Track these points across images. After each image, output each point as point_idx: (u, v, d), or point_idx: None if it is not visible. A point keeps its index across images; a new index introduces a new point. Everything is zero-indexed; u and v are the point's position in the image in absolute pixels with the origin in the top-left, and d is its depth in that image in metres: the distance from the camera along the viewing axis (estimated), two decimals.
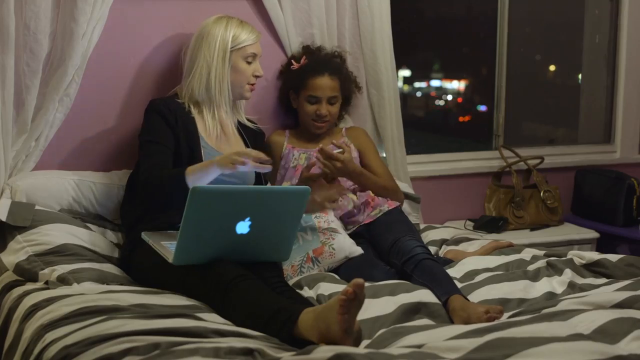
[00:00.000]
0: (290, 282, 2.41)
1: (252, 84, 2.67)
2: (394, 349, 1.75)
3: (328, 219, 2.67)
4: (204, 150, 2.54)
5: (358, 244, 2.67)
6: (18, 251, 2.39)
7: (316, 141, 2.98)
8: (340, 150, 2.71)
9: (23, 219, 2.46)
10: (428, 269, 2.38)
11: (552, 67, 4.19)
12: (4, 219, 2.46)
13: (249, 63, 2.63)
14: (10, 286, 2.30)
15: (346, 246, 2.59)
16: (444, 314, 2.19)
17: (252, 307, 1.98)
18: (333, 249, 2.57)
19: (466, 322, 2.08)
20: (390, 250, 2.56)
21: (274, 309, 1.93)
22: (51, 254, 2.35)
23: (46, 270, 2.27)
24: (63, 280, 2.21)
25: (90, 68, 2.76)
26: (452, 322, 2.16)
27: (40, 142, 2.72)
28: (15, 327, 2.06)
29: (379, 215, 2.75)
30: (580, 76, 4.16)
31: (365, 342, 1.93)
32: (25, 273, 2.32)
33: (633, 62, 3.89)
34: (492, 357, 1.61)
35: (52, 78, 2.69)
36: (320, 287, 2.33)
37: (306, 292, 2.32)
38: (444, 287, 2.28)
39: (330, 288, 2.32)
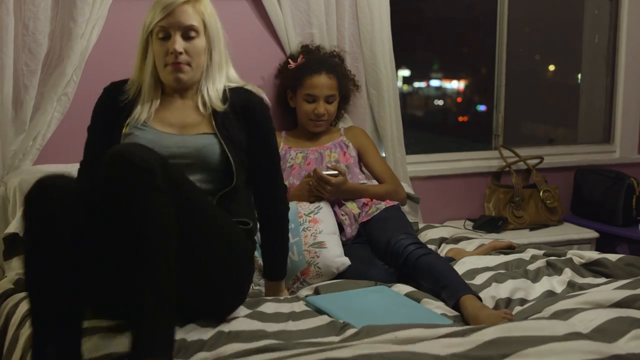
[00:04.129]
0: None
1: (172, 64, 2.14)
2: (391, 347, 1.73)
3: (317, 229, 2.59)
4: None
5: (356, 243, 2.67)
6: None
7: (313, 140, 2.98)
8: (335, 172, 2.71)
9: None
10: (426, 268, 2.35)
11: (551, 67, 4.19)
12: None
13: (162, 39, 2.15)
14: (9, 293, 2.30)
15: (331, 263, 2.51)
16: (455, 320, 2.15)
17: None
18: (319, 267, 2.50)
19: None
20: (385, 255, 2.55)
21: None
22: None
23: None
24: None
25: (89, 68, 2.77)
26: (466, 322, 2.12)
27: (37, 141, 2.73)
28: (11, 334, 2.05)
29: (375, 213, 2.75)
30: (579, 76, 4.16)
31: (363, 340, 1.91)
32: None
33: (633, 62, 3.89)
34: (490, 355, 1.61)
35: (50, 77, 2.69)
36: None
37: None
38: (451, 290, 2.23)
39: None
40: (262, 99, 2.27)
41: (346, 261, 2.53)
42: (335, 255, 2.53)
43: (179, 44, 2.12)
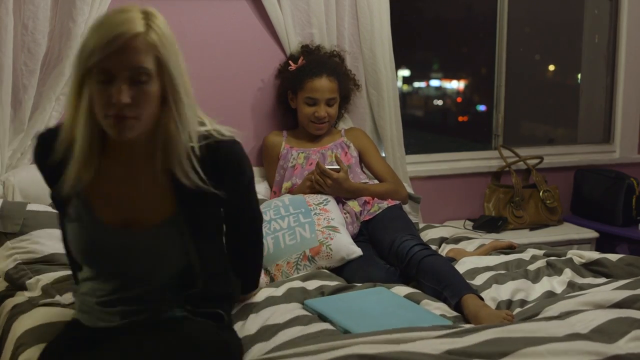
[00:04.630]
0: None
1: (114, 116, 1.63)
2: (390, 346, 1.73)
3: (329, 216, 2.61)
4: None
5: (358, 241, 2.66)
6: (7, 258, 2.36)
7: (315, 141, 2.97)
8: (337, 167, 2.71)
9: (13, 224, 2.40)
10: (430, 269, 2.35)
11: (551, 67, 4.19)
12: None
13: (102, 83, 1.63)
14: (2, 296, 2.30)
15: (344, 248, 2.52)
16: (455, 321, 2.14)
17: None
18: (330, 249, 2.50)
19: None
20: (388, 255, 2.55)
21: None
22: (39, 263, 2.33)
23: (32, 280, 2.24)
24: (46, 292, 2.18)
25: None
26: (466, 322, 2.11)
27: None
28: (9, 353, 2.02)
29: (377, 212, 2.75)
30: (579, 76, 4.16)
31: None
32: (14, 282, 2.31)
33: (632, 62, 3.88)
34: (489, 354, 1.61)
35: (49, 77, 2.70)
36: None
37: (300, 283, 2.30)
38: (454, 289, 2.23)
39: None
40: (232, 141, 1.79)
41: (358, 250, 2.53)
42: (349, 242, 2.55)
43: (124, 93, 1.61)
